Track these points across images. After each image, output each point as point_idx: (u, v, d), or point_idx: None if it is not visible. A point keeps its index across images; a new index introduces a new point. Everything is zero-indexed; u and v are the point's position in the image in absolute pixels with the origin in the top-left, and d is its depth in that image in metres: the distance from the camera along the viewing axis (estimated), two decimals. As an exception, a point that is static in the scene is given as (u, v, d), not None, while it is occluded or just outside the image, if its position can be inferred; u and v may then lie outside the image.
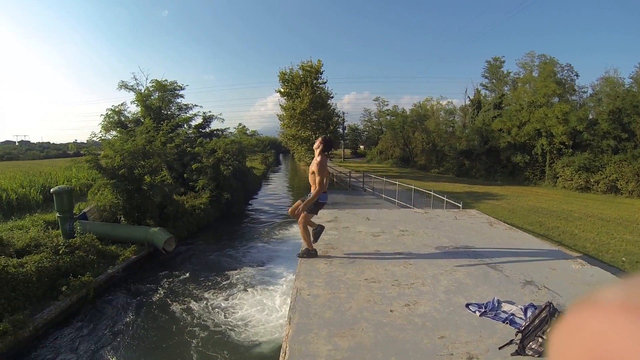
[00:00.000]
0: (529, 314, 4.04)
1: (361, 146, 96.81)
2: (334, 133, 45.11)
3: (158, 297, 13.33)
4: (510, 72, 48.28)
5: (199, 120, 32.50)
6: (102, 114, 27.20)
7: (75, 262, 13.25)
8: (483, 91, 52.92)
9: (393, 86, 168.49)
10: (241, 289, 13.81)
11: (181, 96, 31.88)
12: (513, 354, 3.44)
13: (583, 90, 41.17)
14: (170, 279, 14.79)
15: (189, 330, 11.10)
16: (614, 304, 0.34)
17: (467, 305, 4.27)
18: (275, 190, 40.62)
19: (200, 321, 11.58)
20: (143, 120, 24.91)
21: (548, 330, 3.46)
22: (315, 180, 5.86)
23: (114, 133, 25.65)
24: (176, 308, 12.47)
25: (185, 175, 25.54)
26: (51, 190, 16.98)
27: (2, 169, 38.78)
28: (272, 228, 22.50)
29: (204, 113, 32.64)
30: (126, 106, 28.95)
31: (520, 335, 3.59)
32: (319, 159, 5.96)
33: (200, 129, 32.27)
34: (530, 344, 3.49)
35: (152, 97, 30.05)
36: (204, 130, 32.42)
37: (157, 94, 30.35)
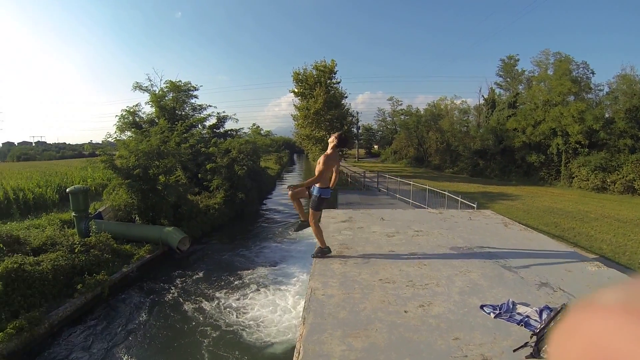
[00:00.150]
0: (544, 316, 3.98)
1: (375, 146, 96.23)
2: (348, 133, 44.97)
3: (171, 297, 13.42)
4: (524, 71, 47.56)
5: (213, 121, 32.67)
6: (117, 115, 27.46)
7: (90, 261, 13.43)
8: (497, 90, 52.13)
9: (407, 86, 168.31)
10: (254, 289, 13.83)
11: (195, 97, 32.08)
12: (528, 357, 3.39)
13: (599, 88, 39.94)
14: (183, 279, 14.88)
15: (200, 330, 11.15)
16: (614, 305, 0.34)
17: (482, 307, 4.23)
18: (286, 191, 40.13)
19: (212, 321, 11.63)
20: (157, 121, 25.09)
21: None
22: (319, 170, 5.83)
23: (129, 134, 25.88)
24: (188, 307, 12.55)
25: (199, 175, 25.66)
26: (67, 190, 17.22)
27: (19, 169, 39.34)
28: (286, 228, 22.50)
29: (218, 113, 32.85)
30: (141, 107, 29.21)
31: (535, 338, 3.53)
32: (329, 152, 5.93)
33: (214, 129, 32.44)
34: (546, 346, 3.44)
35: (167, 98, 30.25)
36: (218, 131, 32.59)
37: (172, 95, 30.56)
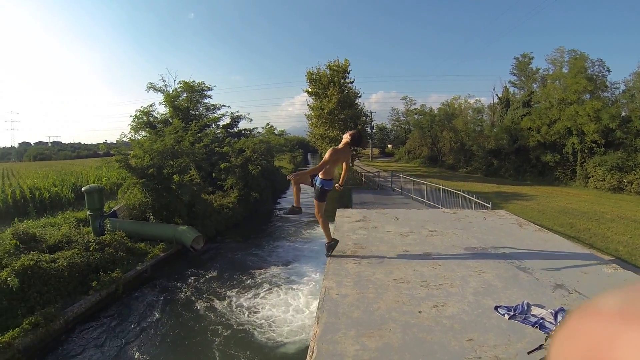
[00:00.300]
0: (560, 318, 3.93)
1: (389, 145, 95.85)
2: (362, 132, 44.88)
3: (184, 295, 13.52)
4: (539, 69, 46.37)
5: (227, 120, 32.83)
6: (132, 115, 27.70)
7: (105, 259, 13.61)
8: (512, 89, 51.15)
9: (420, 85, 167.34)
10: (266, 289, 13.88)
11: (209, 97, 32.25)
12: (542, 360, 3.36)
13: (615, 86, 39.28)
14: (196, 277, 14.97)
15: (212, 328, 11.23)
16: (615, 311, 0.34)
17: (496, 308, 4.18)
18: (303, 190, 39.65)
19: (224, 320, 11.69)
20: (171, 121, 25.23)
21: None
22: (324, 160, 5.82)
23: (143, 133, 26.15)
24: (201, 306, 12.63)
25: (213, 174, 25.80)
26: (82, 189, 17.47)
27: (36, 168, 39.98)
28: (299, 227, 22.51)
29: (232, 113, 32.98)
30: (155, 107, 29.41)
31: (549, 340, 3.51)
32: (339, 146, 5.92)
33: (228, 129, 32.57)
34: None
35: (180, 98, 30.47)
36: (232, 130, 32.73)
37: (185, 95, 30.79)
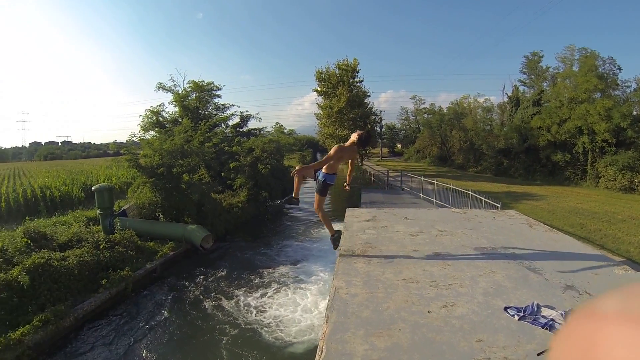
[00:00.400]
0: (570, 319, 3.90)
1: (398, 145, 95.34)
2: (372, 131, 44.79)
3: (192, 294, 13.60)
4: (549, 67, 45.85)
5: (236, 120, 32.84)
6: (141, 115, 27.81)
7: (115, 257, 13.74)
8: (521, 87, 50.37)
9: (429, 84, 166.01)
10: (274, 288, 13.90)
11: (218, 96, 32.28)
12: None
13: (626, 84, 38.49)
14: (205, 276, 15.04)
15: (220, 327, 11.27)
16: (614, 312, 0.34)
17: (506, 309, 4.15)
18: (313, 189, 39.70)
19: (232, 319, 11.74)
20: (181, 121, 25.31)
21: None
22: (327, 156, 5.82)
23: (153, 133, 26.17)
24: (209, 305, 12.69)
25: (223, 173, 25.87)
26: (92, 188, 17.65)
27: (46, 168, 40.35)
28: (308, 227, 22.54)
29: (241, 112, 33.01)
30: (164, 107, 29.51)
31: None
32: (345, 144, 5.92)
33: (237, 128, 32.62)
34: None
35: (190, 98, 30.55)
36: (241, 130, 32.77)
37: (195, 95, 30.85)
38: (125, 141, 23.63)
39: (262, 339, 10.61)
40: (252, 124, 33.64)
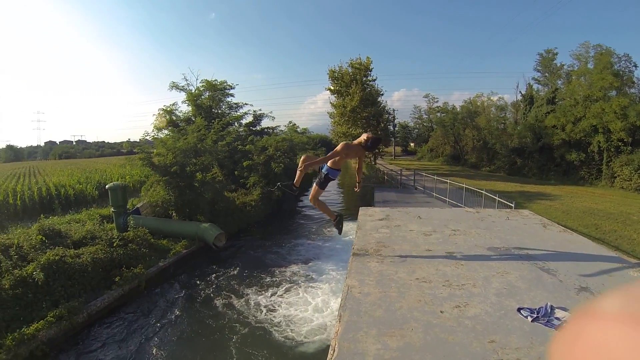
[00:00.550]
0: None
1: (411, 144, 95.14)
2: (385, 131, 44.66)
3: (204, 292, 13.65)
4: (564, 65, 44.72)
5: (249, 119, 33.06)
6: (155, 114, 28.07)
7: (128, 255, 13.85)
8: (535, 86, 49.53)
9: (443, 82, 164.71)
10: (285, 287, 13.90)
11: (231, 95, 32.52)
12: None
13: None
14: (217, 274, 15.09)
15: (230, 326, 11.30)
16: (616, 312, 0.34)
17: (519, 310, 4.09)
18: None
19: (242, 318, 11.75)
20: (194, 119, 25.46)
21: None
22: (333, 151, 5.82)
23: (166, 132, 26.34)
24: (220, 303, 12.74)
25: (236, 172, 25.97)
26: (106, 186, 17.80)
27: (61, 166, 40.86)
28: (321, 225, 22.48)
29: (255, 111, 33.20)
30: (177, 106, 29.72)
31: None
32: (352, 142, 5.91)
33: (250, 127, 32.77)
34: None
35: (203, 97, 30.80)
36: (254, 129, 32.92)
37: (208, 94, 31.10)
38: (138, 140, 23.82)
39: (273, 338, 10.59)
40: (265, 123, 33.86)
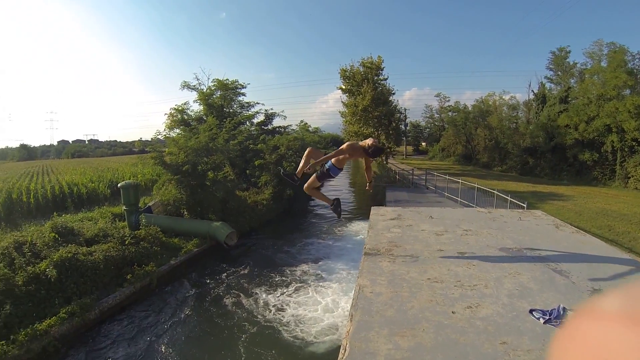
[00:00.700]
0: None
1: (423, 143, 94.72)
2: (396, 130, 44.52)
3: (214, 290, 13.72)
4: (576, 63, 44.26)
5: (261, 118, 33.02)
6: (166, 113, 28.18)
7: (140, 253, 13.97)
8: (548, 84, 49.24)
9: (454, 81, 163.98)
10: (295, 286, 13.92)
11: (243, 94, 32.49)
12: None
13: None
14: (228, 273, 15.16)
15: (239, 325, 11.33)
16: (614, 311, 0.34)
17: (531, 311, 4.05)
18: (338, 187, 39.74)
19: (252, 317, 11.79)
20: (206, 119, 25.53)
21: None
22: (340, 148, 5.86)
23: (178, 131, 26.52)
24: (229, 302, 12.80)
25: (247, 171, 26.05)
26: (118, 185, 17.96)
27: (74, 165, 41.31)
28: (332, 225, 22.47)
29: (266, 110, 33.17)
30: (189, 105, 29.81)
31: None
32: (358, 143, 5.92)
33: (262, 126, 32.77)
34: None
35: (214, 96, 30.86)
36: (266, 128, 32.92)
37: (219, 93, 31.17)
38: (150, 139, 23.96)
39: (282, 337, 10.62)
40: (277, 122, 33.84)
